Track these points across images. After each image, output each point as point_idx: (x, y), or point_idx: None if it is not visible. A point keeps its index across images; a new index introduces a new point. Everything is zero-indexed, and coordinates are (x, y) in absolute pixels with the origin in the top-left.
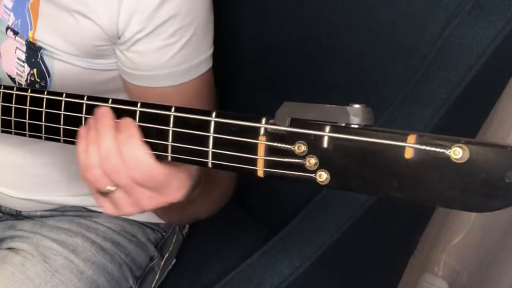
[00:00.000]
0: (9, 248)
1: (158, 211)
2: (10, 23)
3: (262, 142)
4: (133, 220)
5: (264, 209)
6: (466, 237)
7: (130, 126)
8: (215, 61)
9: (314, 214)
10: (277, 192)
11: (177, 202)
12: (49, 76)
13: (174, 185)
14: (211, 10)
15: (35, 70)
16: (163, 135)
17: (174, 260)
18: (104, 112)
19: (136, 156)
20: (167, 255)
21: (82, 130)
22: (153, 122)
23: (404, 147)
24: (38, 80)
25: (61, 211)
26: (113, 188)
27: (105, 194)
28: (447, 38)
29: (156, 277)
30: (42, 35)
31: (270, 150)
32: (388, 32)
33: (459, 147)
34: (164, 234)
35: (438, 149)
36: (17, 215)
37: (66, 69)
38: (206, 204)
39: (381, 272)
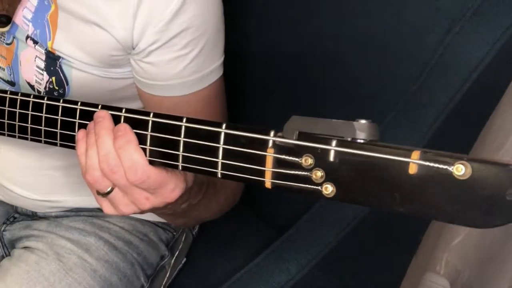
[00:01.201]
0: (25, 247)
1: (164, 215)
2: (29, 33)
3: (270, 154)
4: (145, 220)
5: (271, 210)
6: (467, 237)
7: (127, 132)
8: (225, 68)
9: (319, 215)
10: (283, 194)
11: (175, 203)
12: (67, 84)
13: (169, 186)
14: (222, 21)
15: (53, 78)
16: (174, 145)
17: (185, 259)
18: (103, 115)
19: (133, 159)
20: (177, 254)
21: (80, 134)
22: (165, 132)
23: (408, 162)
24: (57, 87)
25: (75, 212)
26: (110, 188)
27: (104, 194)
28: (448, 45)
29: (167, 275)
30: (60, 45)
31: (278, 162)
32: (391, 40)
33: (462, 164)
34: (175, 233)
35: (441, 166)
36: (33, 216)
37: (83, 77)
38: (211, 207)
39: (385, 270)
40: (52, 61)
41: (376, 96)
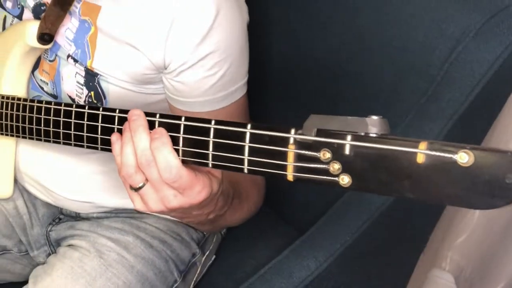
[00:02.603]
0: (69, 245)
1: (192, 224)
2: (71, 52)
3: (291, 150)
4: (178, 220)
5: (293, 212)
6: (469, 236)
7: (163, 135)
8: (250, 74)
9: (336, 216)
10: (304, 197)
11: (201, 214)
12: (104, 98)
13: (197, 188)
14: (246, 43)
15: (92, 92)
16: (205, 145)
17: (214, 257)
18: (138, 113)
19: (168, 160)
20: (207, 252)
21: (114, 136)
22: (196, 134)
23: (416, 153)
24: (95, 101)
25: (115, 213)
26: (142, 184)
27: (136, 189)
28: (453, 62)
29: (198, 271)
30: (98, 64)
31: (298, 157)
32: (401, 56)
33: (465, 152)
34: (205, 233)
35: (446, 154)
36: (76, 217)
37: (119, 92)
38: (234, 217)
39: (395, 266)
40: (91, 77)
41: (387, 108)
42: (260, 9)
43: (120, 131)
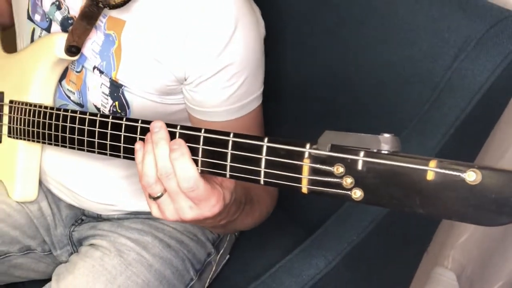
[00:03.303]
0: (91, 245)
1: (205, 227)
2: (96, 64)
3: (306, 164)
4: None
5: (302, 213)
6: (470, 237)
7: (182, 146)
8: (265, 89)
9: (343, 217)
10: (312, 199)
11: (214, 219)
12: (128, 108)
13: (212, 201)
14: (262, 56)
15: (117, 102)
16: (223, 156)
17: (228, 256)
18: (160, 125)
19: (186, 170)
20: (222, 251)
21: (137, 145)
22: (215, 145)
23: (426, 170)
24: (119, 110)
25: (135, 214)
26: (160, 193)
27: (155, 198)
28: (455, 70)
29: (213, 270)
30: (123, 76)
31: (313, 171)
32: (406, 65)
33: (473, 171)
34: (220, 234)
35: (455, 173)
36: (98, 218)
37: (142, 102)
38: (246, 221)
39: (400, 265)
40: (115, 88)
41: (393, 114)
42: (276, 24)
43: (142, 140)
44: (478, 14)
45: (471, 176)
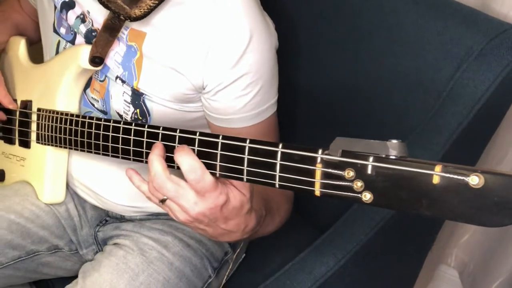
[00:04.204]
0: (115, 244)
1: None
2: (119, 74)
3: (319, 169)
4: None
5: (314, 214)
6: (472, 236)
7: (184, 146)
8: (279, 98)
9: (352, 218)
10: (324, 201)
11: (231, 234)
12: (149, 115)
13: (217, 192)
14: (276, 65)
15: (138, 110)
16: (240, 161)
17: (244, 255)
18: (155, 145)
19: (190, 163)
20: (238, 250)
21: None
22: (232, 151)
23: (432, 174)
24: (141, 117)
25: (156, 215)
26: (165, 197)
27: (162, 201)
28: (457, 80)
29: (230, 267)
30: (144, 85)
31: (325, 175)
32: (411, 75)
33: (476, 175)
34: None
35: (459, 177)
36: (121, 219)
37: (162, 110)
38: (267, 229)
39: (406, 263)
40: (137, 96)
41: (399, 121)
42: (289, 36)
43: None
44: (479, 27)
45: (474, 180)
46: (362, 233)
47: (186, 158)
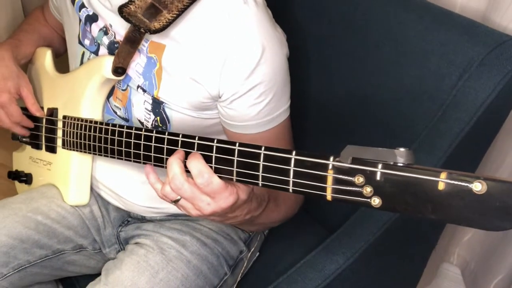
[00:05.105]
0: (136, 243)
1: (234, 224)
2: (140, 83)
3: (330, 175)
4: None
5: (324, 215)
6: (474, 235)
7: (196, 153)
8: (292, 108)
9: (360, 219)
10: (334, 204)
11: (236, 216)
12: (168, 122)
13: (225, 194)
14: (287, 74)
15: (158, 117)
16: (255, 167)
17: (258, 253)
18: (177, 151)
19: (199, 168)
20: (253, 249)
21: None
22: (248, 157)
23: (438, 181)
24: (161, 125)
25: (175, 216)
26: (179, 197)
27: (175, 201)
28: (460, 88)
29: (244, 265)
30: (164, 94)
31: (336, 181)
32: (416, 84)
33: (479, 182)
34: (251, 233)
35: (463, 183)
36: (142, 219)
37: (181, 117)
38: (272, 215)
39: (411, 261)
40: (157, 105)
41: (404, 127)
42: (300, 47)
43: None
44: (480, 38)
45: (478, 187)
46: (369, 233)
47: (195, 163)
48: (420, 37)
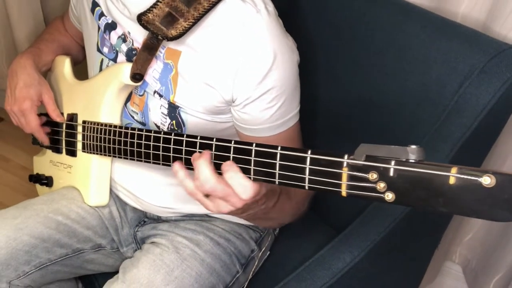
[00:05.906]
0: (152, 243)
1: (251, 220)
2: (157, 89)
3: (345, 172)
4: (240, 223)
5: (332, 215)
6: (475, 235)
7: (233, 165)
8: (302, 111)
9: (367, 219)
10: (341, 203)
11: (255, 206)
12: (184, 126)
13: (262, 191)
14: (298, 80)
15: (174, 121)
16: (272, 166)
17: (269, 252)
18: (205, 151)
19: (243, 184)
20: (264, 248)
21: (176, 165)
22: (265, 157)
23: (449, 176)
24: (176, 128)
25: (189, 217)
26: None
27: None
28: (461, 94)
29: (255, 264)
30: (179, 99)
31: (351, 177)
32: (419, 90)
33: (488, 176)
34: (262, 233)
35: (473, 177)
36: (158, 219)
37: (196, 121)
38: (285, 207)
39: (415, 260)
40: (173, 109)
41: (408, 131)
42: (310, 54)
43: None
44: (481, 47)
45: (487, 180)
46: (376, 232)
47: (236, 179)
48: (423, 45)
